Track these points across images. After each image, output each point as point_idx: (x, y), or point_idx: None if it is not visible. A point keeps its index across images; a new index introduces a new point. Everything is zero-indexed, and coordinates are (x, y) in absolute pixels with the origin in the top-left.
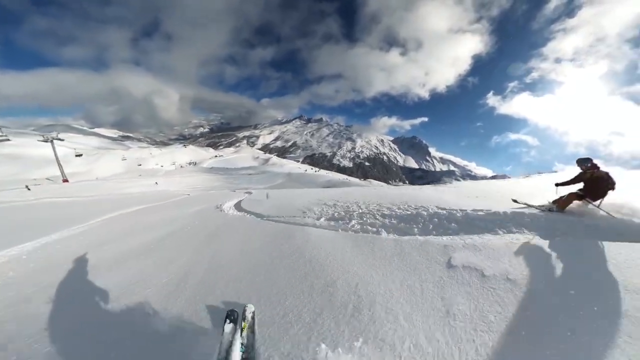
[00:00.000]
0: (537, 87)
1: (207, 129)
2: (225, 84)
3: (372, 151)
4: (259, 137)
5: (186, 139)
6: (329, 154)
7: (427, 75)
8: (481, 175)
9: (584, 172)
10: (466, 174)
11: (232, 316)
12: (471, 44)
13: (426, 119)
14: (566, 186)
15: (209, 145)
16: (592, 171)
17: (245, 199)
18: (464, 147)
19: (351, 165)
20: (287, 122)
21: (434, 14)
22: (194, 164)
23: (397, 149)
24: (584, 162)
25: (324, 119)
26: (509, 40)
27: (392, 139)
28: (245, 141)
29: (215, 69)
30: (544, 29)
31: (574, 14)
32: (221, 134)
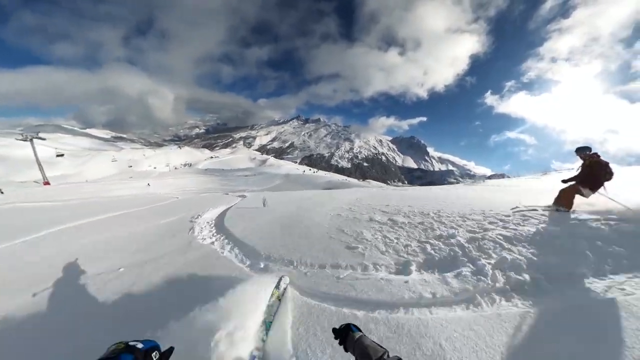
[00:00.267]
0: (534, 86)
1: (202, 130)
2: (221, 83)
3: (371, 151)
4: (255, 137)
5: (181, 140)
6: (327, 155)
7: (425, 75)
8: (480, 174)
9: (584, 161)
10: (465, 173)
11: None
12: (469, 44)
13: (424, 119)
14: (574, 181)
15: (204, 146)
16: (591, 158)
17: (235, 206)
18: (463, 147)
19: (349, 165)
20: (285, 122)
21: (432, 14)
22: (189, 165)
23: (396, 149)
24: (583, 150)
25: (322, 120)
26: (506, 40)
27: (390, 139)
28: (241, 142)
29: (211, 68)
30: (540, 29)
31: (569, 15)
32: (217, 134)
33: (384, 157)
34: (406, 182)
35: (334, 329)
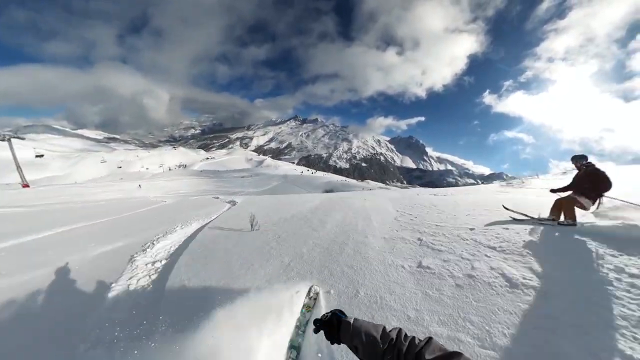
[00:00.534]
0: (531, 85)
1: (198, 131)
2: (217, 83)
3: (369, 152)
4: (252, 138)
5: (177, 141)
6: (325, 155)
7: (424, 74)
8: (479, 173)
9: (579, 170)
10: (464, 172)
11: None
12: (467, 44)
13: (423, 119)
14: (565, 192)
15: (200, 147)
16: (586, 167)
17: (212, 225)
18: (461, 146)
19: (348, 166)
20: (282, 122)
21: (430, 14)
22: (184, 166)
23: (394, 149)
24: (579, 159)
25: (320, 120)
26: (503, 40)
27: (388, 139)
28: (238, 143)
29: (207, 68)
30: (537, 29)
31: (564, 15)
32: (213, 135)
33: (382, 158)
34: (405, 182)
35: (316, 320)
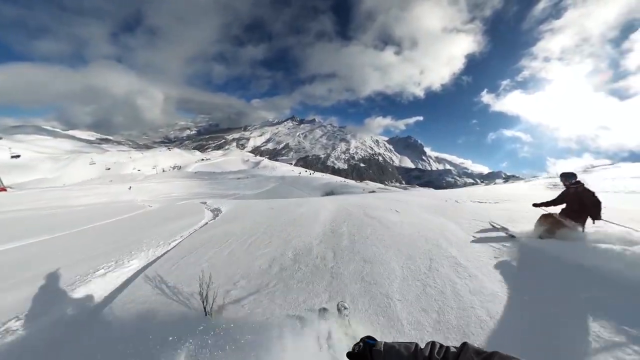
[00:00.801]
0: (528, 85)
1: (194, 131)
2: (213, 83)
3: (367, 152)
4: (249, 139)
5: (172, 142)
6: (323, 156)
7: (422, 74)
8: (477, 172)
9: (567, 188)
10: (462, 172)
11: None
12: (465, 44)
13: (421, 118)
14: (548, 207)
15: (196, 148)
16: (574, 188)
17: (157, 269)
18: (460, 146)
19: (346, 167)
20: (279, 123)
21: (428, 13)
22: (178, 168)
23: (393, 149)
24: (568, 178)
25: (317, 120)
26: (501, 39)
27: (387, 139)
28: (234, 144)
29: (202, 67)
30: (533, 29)
31: (560, 15)
32: (209, 136)
33: (380, 158)
34: (404, 182)
35: (349, 354)
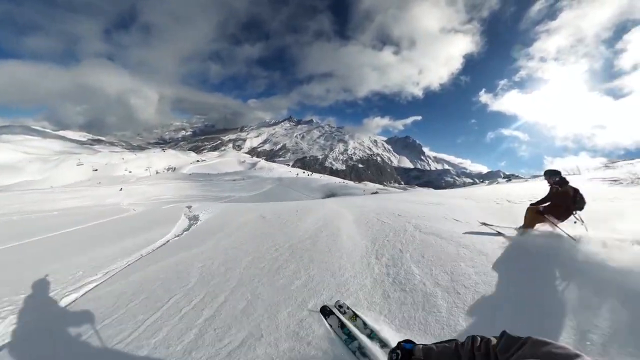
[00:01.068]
0: (525, 84)
1: (189, 132)
2: (209, 83)
3: (365, 152)
4: (245, 140)
5: (167, 143)
6: (321, 157)
7: (420, 74)
8: (476, 172)
9: (552, 186)
10: (461, 172)
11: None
12: (463, 44)
13: (419, 118)
14: (542, 204)
15: (191, 149)
16: (557, 186)
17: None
18: (459, 145)
19: (344, 167)
20: (276, 124)
21: (427, 14)
22: (173, 169)
23: (391, 149)
24: (551, 175)
25: (315, 121)
26: (498, 40)
27: (385, 139)
28: (231, 145)
29: (198, 66)
30: (529, 30)
31: (555, 17)
32: (205, 137)
33: (379, 158)
34: (402, 182)
35: None
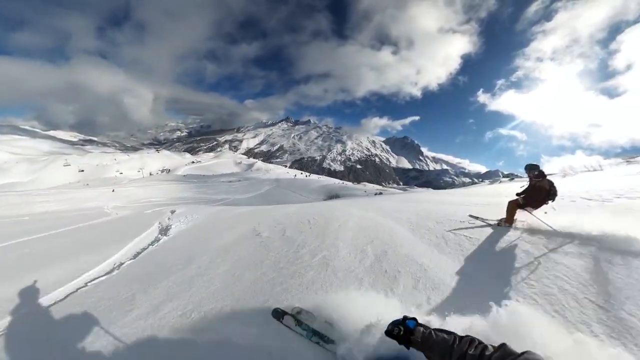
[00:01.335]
0: (523, 84)
1: (184, 133)
2: (205, 83)
3: (364, 153)
4: (242, 141)
5: (161, 144)
6: (319, 158)
7: (418, 74)
8: (475, 172)
9: (531, 179)
10: (460, 172)
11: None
12: (461, 44)
13: (417, 118)
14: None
15: (186, 150)
16: (536, 180)
17: None
18: (457, 145)
19: (342, 168)
20: (273, 124)
21: (425, 14)
22: (167, 171)
23: (389, 149)
24: (531, 169)
25: (312, 121)
26: (495, 40)
27: (383, 139)
28: (227, 146)
29: (194, 66)
30: (526, 31)
31: (551, 18)
32: (200, 138)
33: (377, 159)
34: (401, 183)
35: (387, 332)
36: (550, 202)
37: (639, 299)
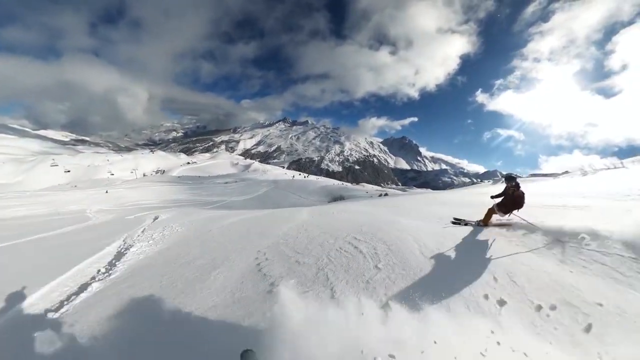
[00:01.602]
0: (520, 84)
1: (180, 134)
2: (201, 82)
3: (362, 154)
4: (239, 141)
5: (156, 145)
6: (317, 159)
7: (417, 74)
8: (474, 172)
9: (508, 188)
10: (459, 172)
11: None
12: (459, 44)
13: (416, 119)
14: (498, 198)
15: (182, 151)
16: (514, 189)
17: None
18: (455, 146)
19: (340, 169)
20: (270, 125)
21: (423, 14)
22: (162, 172)
23: (387, 150)
24: (510, 180)
25: (310, 122)
26: (494, 41)
27: (381, 140)
28: (223, 146)
29: (190, 65)
30: (523, 31)
31: (548, 19)
32: (196, 138)
33: (375, 160)
34: (400, 184)
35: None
36: (520, 208)
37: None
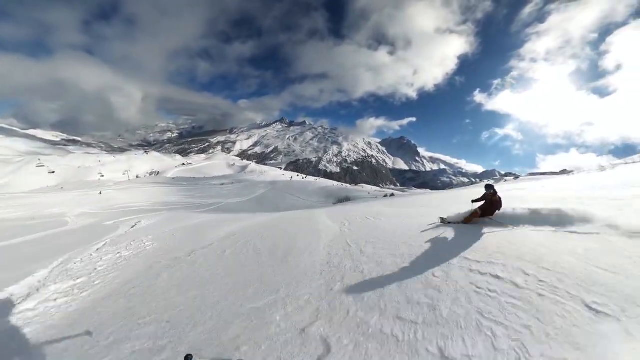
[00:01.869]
0: (518, 84)
1: (175, 134)
2: (197, 82)
3: (360, 154)
4: (235, 142)
5: (151, 145)
6: (315, 160)
7: (415, 74)
8: (472, 172)
9: (487, 194)
10: (458, 172)
11: None
12: (458, 45)
13: (414, 119)
14: (478, 202)
15: (177, 152)
16: (492, 195)
17: None
18: (454, 145)
19: (339, 170)
20: (267, 125)
21: (422, 14)
22: (156, 173)
23: (386, 151)
24: (489, 188)
25: (308, 122)
26: (491, 41)
27: (379, 140)
28: (219, 147)
29: (186, 64)
30: (520, 32)
31: (544, 20)
32: (192, 139)
33: (374, 160)
34: (398, 184)
35: None
36: (498, 210)
37: None
